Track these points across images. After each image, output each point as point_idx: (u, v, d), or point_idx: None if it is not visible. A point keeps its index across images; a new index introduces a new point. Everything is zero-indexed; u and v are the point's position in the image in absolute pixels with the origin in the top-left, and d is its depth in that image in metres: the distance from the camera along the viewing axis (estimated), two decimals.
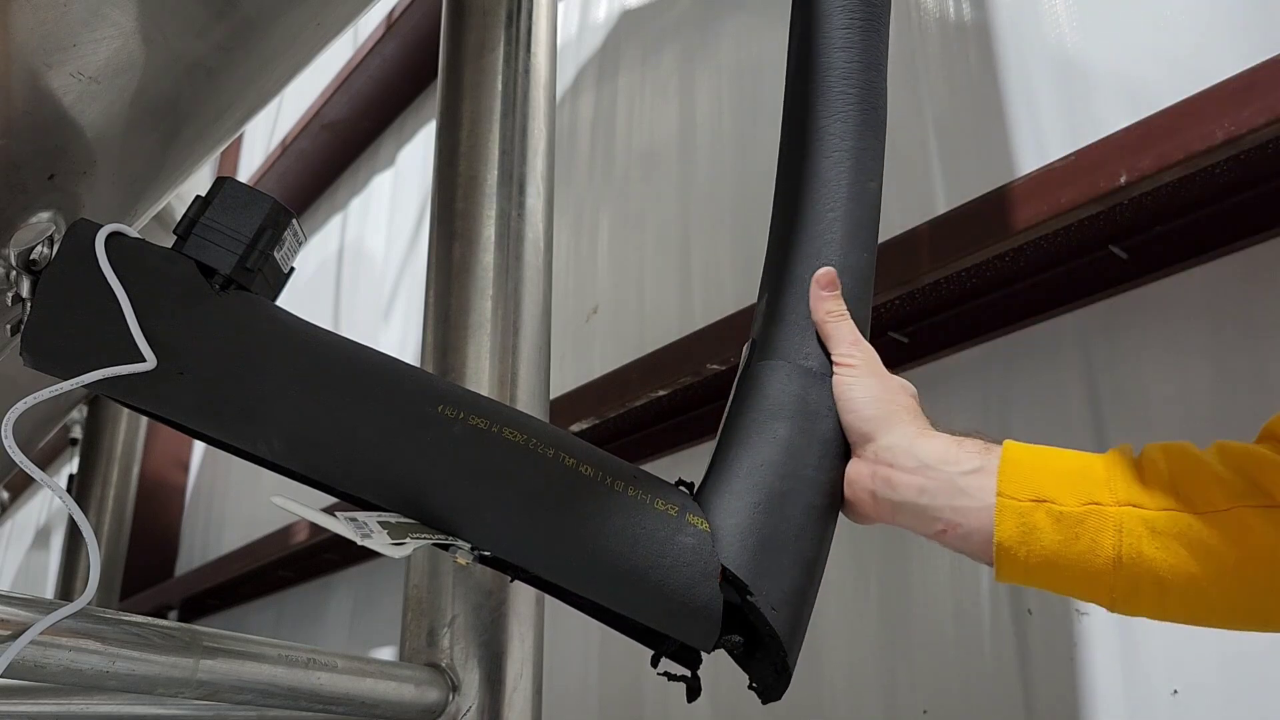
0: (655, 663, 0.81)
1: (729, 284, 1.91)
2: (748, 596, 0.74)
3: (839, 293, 0.82)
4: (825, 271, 0.82)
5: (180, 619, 3.89)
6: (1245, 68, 1.10)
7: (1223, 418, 1.19)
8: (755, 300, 0.91)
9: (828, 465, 0.79)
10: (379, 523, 0.73)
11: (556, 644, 1.78)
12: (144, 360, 0.73)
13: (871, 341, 0.82)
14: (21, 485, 5.40)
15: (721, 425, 0.83)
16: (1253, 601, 0.62)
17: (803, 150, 0.88)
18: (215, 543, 4.12)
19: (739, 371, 0.85)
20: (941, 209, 1.50)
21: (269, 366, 0.75)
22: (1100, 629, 1.21)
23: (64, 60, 0.77)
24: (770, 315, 0.85)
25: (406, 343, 2.98)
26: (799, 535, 0.76)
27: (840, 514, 0.80)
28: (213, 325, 0.75)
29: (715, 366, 1.70)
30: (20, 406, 0.69)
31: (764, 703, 0.78)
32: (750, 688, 0.78)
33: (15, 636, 0.68)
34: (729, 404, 0.84)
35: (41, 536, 5.54)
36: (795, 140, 0.90)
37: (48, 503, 5.56)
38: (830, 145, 0.87)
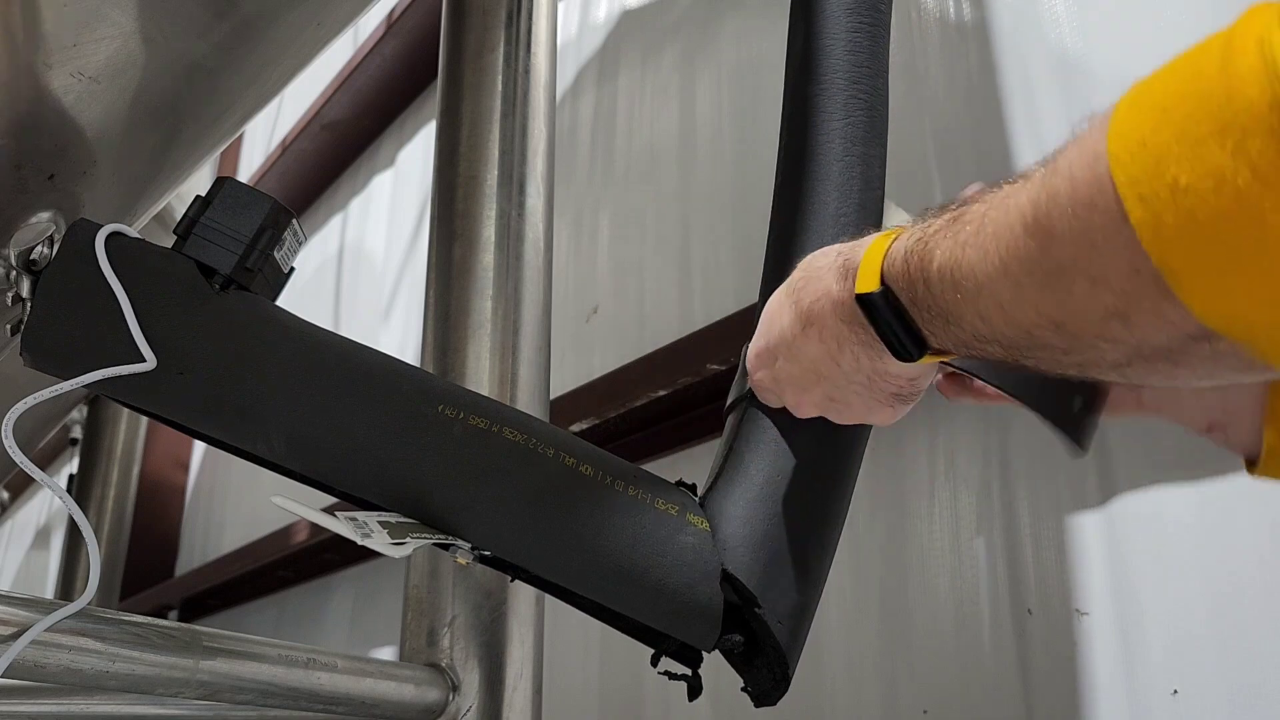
0: (655, 662, 0.81)
1: (729, 284, 1.91)
2: (756, 609, 0.74)
3: None
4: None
5: (180, 619, 3.89)
6: None
7: None
8: (755, 300, 0.91)
9: (838, 474, 0.79)
10: (379, 523, 0.73)
11: (556, 644, 1.78)
12: (144, 360, 0.73)
13: None
14: (21, 485, 5.40)
15: (727, 429, 0.83)
16: None
17: (806, 153, 0.88)
18: (215, 543, 4.11)
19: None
20: None
21: (269, 366, 0.75)
22: (1100, 629, 1.21)
23: (64, 60, 0.77)
24: None
25: (406, 343, 2.98)
26: (808, 548, 0.76)
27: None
28: (213, 325, 0.75)
29: (715, 366, 1.70)
30: (20, 406, 0.69)
31: (757, 706, 0.78)
32: (744, 690, 0.78)
33: (15, 636, 0.68)
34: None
35: (41, 536, 5.54)
36: (798, 142, 0.90)
37: (48, 503, 5.55)
38: (835, 150, 0.87)
